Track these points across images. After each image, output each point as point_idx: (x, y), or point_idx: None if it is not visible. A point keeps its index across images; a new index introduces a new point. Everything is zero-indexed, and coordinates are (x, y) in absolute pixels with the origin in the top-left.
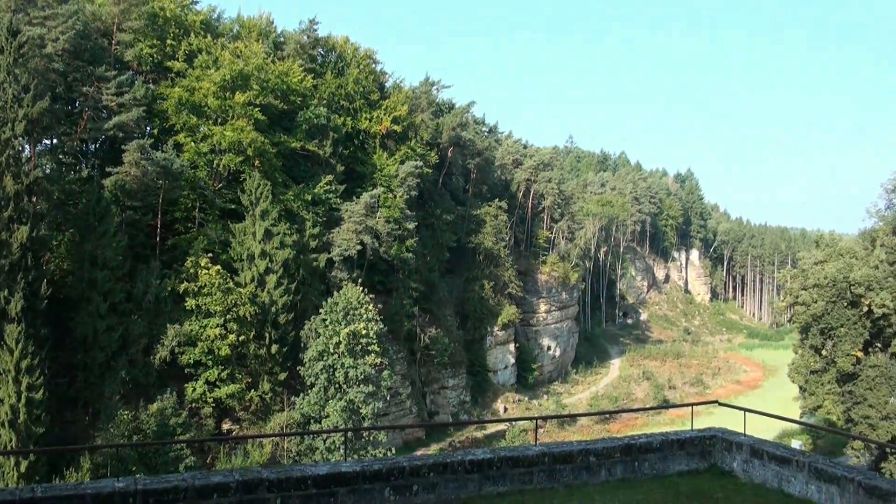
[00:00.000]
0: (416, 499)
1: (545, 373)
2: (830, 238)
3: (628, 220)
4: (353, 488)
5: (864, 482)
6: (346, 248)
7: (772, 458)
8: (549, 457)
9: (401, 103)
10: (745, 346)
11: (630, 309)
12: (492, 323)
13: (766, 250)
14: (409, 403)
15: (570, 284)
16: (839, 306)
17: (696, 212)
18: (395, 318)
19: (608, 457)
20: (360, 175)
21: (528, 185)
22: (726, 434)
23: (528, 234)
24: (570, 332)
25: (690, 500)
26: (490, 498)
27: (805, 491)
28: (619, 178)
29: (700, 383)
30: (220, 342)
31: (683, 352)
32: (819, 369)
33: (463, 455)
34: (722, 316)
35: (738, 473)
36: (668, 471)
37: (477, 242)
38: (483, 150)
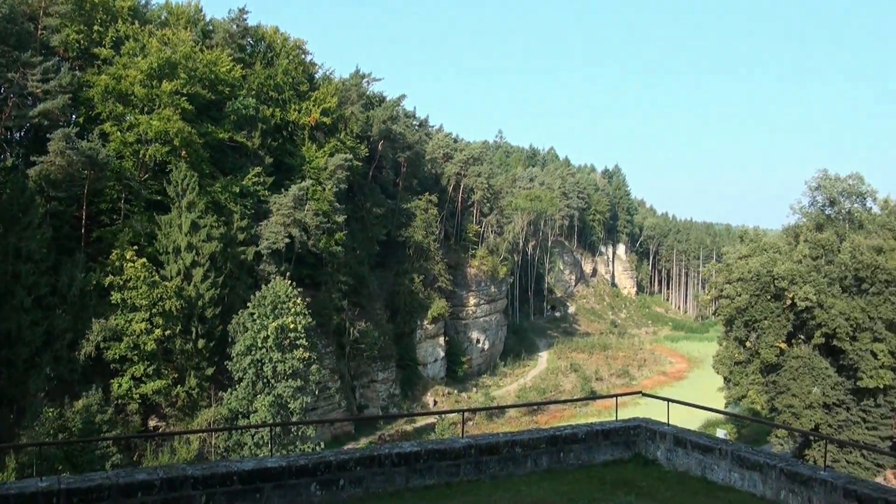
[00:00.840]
0: (343, 493)
1: (474, 366)
2: (755, 233)
3: (556, 215)
4: (278, 484)
5: (785, 468)
6: (274, 242)
7: (695, 447)
8: (475, 449)
9: (330, 95)
10: (671, 338)
11: (558, 302)
12: (421, 316)
13: (691, 245)
14: (338, 397)
15: (499, 278)
16: (763, 299)
17: (623, 207)
18: (324, 311)
19: (534, 448)
20: (288, 167)
21: (458, 180)
22: (650, 424)
23: (457, 227)
24: (498, 326)
25: (615, 488)
26: (417, 491)
27: (728, 478)
28: (547, 173)
29: (626, 375)
30: (145, 337)
31: (610, 344)
32: (743, 360)
33: (390, 448)
34: (648, 309)
35: (661, 462)
36: (593, 461)
37: (407, 236)
38: (413, 143)
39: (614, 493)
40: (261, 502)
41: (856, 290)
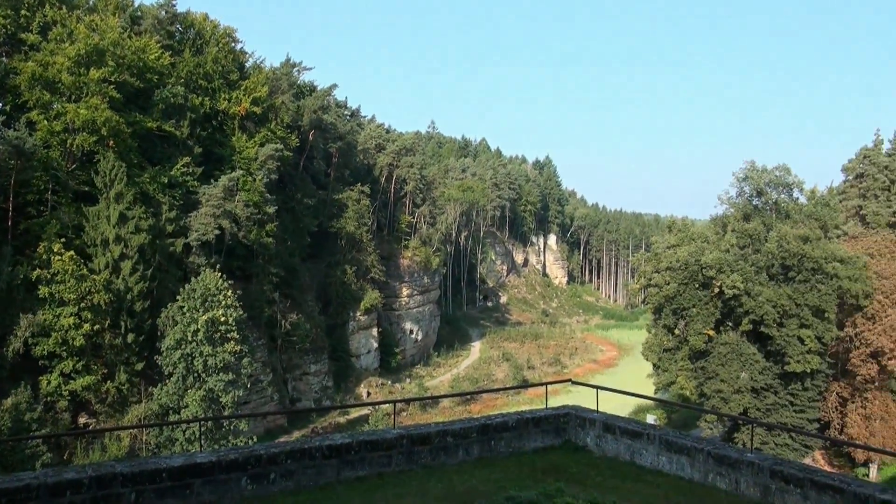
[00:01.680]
0: (274, 487)
1: (408, 356)
2: (683, 223)
3: (488, 206)
4: (209, 479)
5: (713, 452)
6: (203, 233)
7: (623, 433)
8: (407, 439)
9: (261, 84)
10: (601, 326)
11: (490, 292)
12: (354, 308)
13: (621, 235)
14: (270, 391)
15: (432, 269)
16: (691, 288)
17: (554, 198)
18: (255, 304)
19: (465, 437)
20: (218, 157)
21: (390, 170)
22: (579, 411)
23: (390, 218)
24: (431, 316)
25: (546, 475)
26: (348, 483)
27: (656, 462)
28: (479, 164)
29: (558, 363)
30: (74, 332)
31: (542, 333)
32: (672, 347)
33: (321, 441)
34: (579, 298)
35: (591, 448)
36: (524, 448)
37: (339, 227)
38: (345, 133)
39: (545, 479)
40: (191, 498)
41: (783, 279)
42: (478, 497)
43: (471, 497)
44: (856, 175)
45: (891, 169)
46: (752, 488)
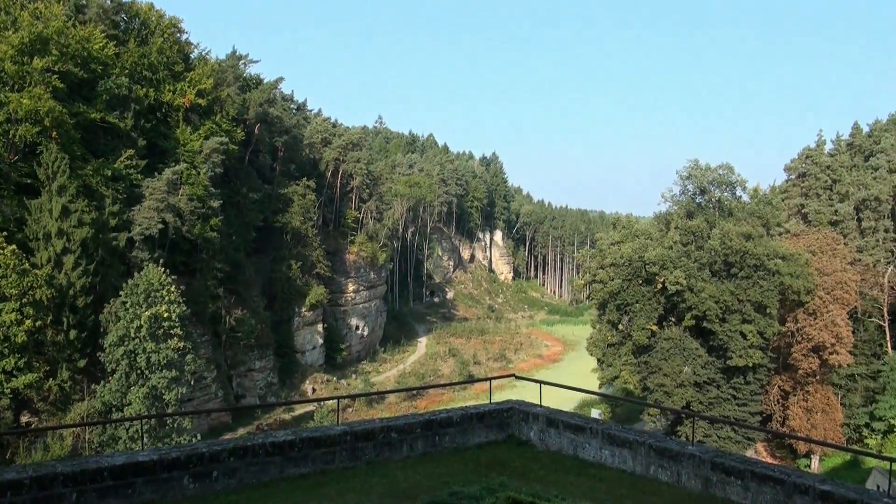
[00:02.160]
0: (217, 485)
1: (353, 352)
2: (627, 220)
3: (435, 202)
4: (150, 478)
5: (655, 445)
6: (147, 227)
7: (567, 427)
8: (351, 435)
9: (206, 76)
10: (547, 322)
11: (437, 288)
12: (299, 303)
13: (566, 231)
14: (214, 387)
15: (378, 264)
16: (635, 284)
17: (501, 194)
18: (199, 299)
19: (410, 433)
20: (162, 150)
21: (336, 165)
22: (523, 406)
23: (336, 213)
24: (378, 312)
25: (489, 469)
26: (292, 480)
27: (599, 456)
28: (427, 159)
29: (504, 358)
30: (16, 328)
31: (488, 329)
32: (616, 342)
33: (264, 438)
34: (524, 294)
35: (534, 443)
36: (468, 443)
37: (284, 222)
38: (291, 127)
39: (488, 474)
40: (133, 498)
41: (725, 275)
42: (421, 492)
43: (414, 492)
44: (798, 174)
45: (833, 169)
46: (694, 480)
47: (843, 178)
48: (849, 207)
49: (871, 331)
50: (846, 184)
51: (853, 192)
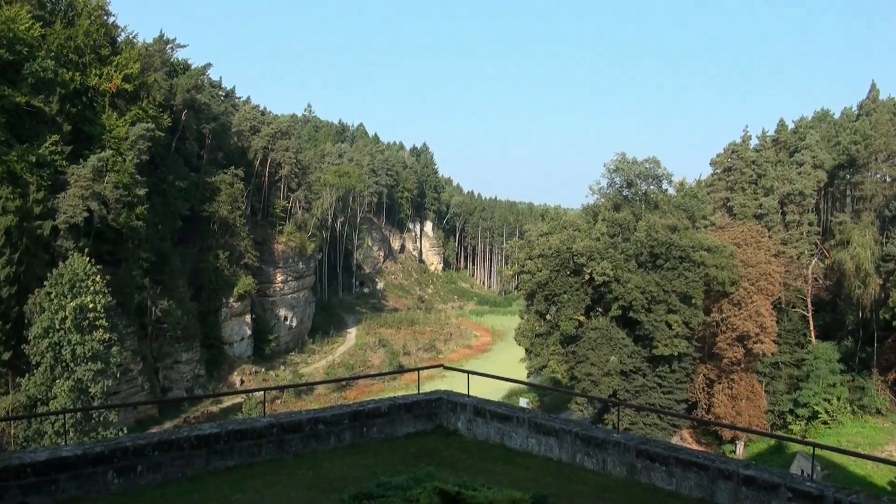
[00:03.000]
0: (142, 480)
1: (282, 343)
2: (556, 212)
3: (365, 192)
4: (74, 473)
5: (580, 433)
6: (72, 216)
7: (494, 416)
8: (277, 427)
9: (133, 61)
10: (476, 312)
11: (366, 278)
12: (227, 294)
13: (495, 222)
14: (140, 380)
15: (307, 254)
16: (563, 275)
17: (431, 185)
18: (125, 290)
19: (337, 424)
20: (88, 136)
21: (265, 154)
22: (451, 396)
23: (264, 203)
24: (306, 302)
25: (417, 459)
26: (218, 473)
27: (525, 444)
28: (357, 149)
29: (433, 349)
30: None
31: (418, 319)
32: (544, 332)
33: (189, 431)
34: (454, 284)
35: (462, 432)
36: (396, 434)
37: (212, 211)
38: (219, 114)
39: (416, 463)
40: (57, 494)
41: (651, 266)
42: (349, 483)
43: (342, 483)
44: (724, 169)
45: (758, 164)
46: (619, 467)
47: (768, 172)
48: (773, 201)
49: (795, 320)
50: (771, 178)
51: (778, 186)
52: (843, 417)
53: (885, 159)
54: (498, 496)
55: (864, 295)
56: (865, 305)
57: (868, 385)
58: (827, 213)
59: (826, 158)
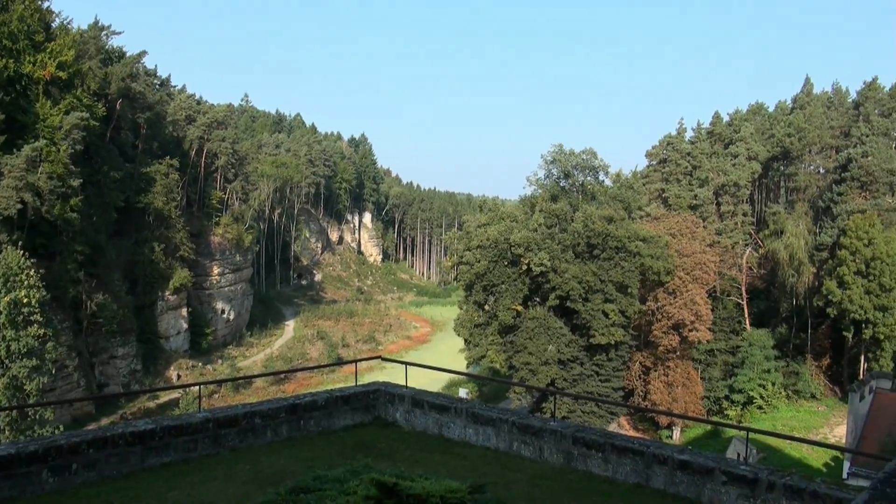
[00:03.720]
0: (77, 478)
1: (219, 337)
2: (493, 203)
3: (303, 183)
4: (8, 473)
5: (517, 422)
6: (5, 207)
7: (432, 407)
8: (213, 422)
9: (67, 47)
10: (415, 303)
11: (304, 270)
12: (163, 287)
13: (434, 213)
14: (76, 376)
15: (244, 247)
16: (501, 265)
17: (370, 176)
18: (59, 284)
19: (274, 417)
20: (21, 125)
21: (200, 144)
22: (389, 387)
23: (200, 194)
24: (244, 295)
25: (355, 452)
26: (154, 470)
27: (463, 434)
28: (294, 139)
29: (373, 340)
30: None
31: (356, 311)
32: (482, 323)
33: (124, 427)
34: (393, 276)
35: (400, 423)
36: (333, 426)
37: (147, 202)
38: (154, 104)
39: (354, 456)
40: None
41: (588, 256)
42: (286, 477)
43: (279, 477)
44: (659, 160)
45: (693, 156)
46: (556, 455)
47: (703, 164)
48: (708, 192)
49: (730, 308)
50: (706, 170)
51: (713, 177)
52: (779, 402)
53: (819, 151)
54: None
55: (798, 283)
56: (799, 293)
57: (802, 370)
58: (761, 204)
59: (760, 150)
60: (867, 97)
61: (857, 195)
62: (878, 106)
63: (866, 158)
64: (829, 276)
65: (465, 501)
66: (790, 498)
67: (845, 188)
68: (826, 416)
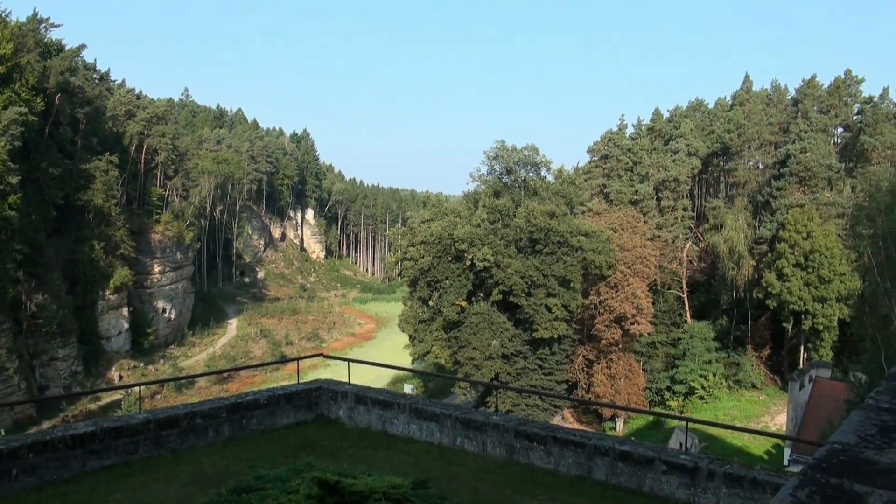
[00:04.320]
0: (17, 484)
1: (161, 337)
2: (437, 199)
3: (245, 179)
4: None
5: (461, 417)
6: None
7: (375, 404)
8: (154, 423)
9: (6, 40)
10: (360, 300)
11: (247, 268)
12: (103, 286)
13: (378, 210)
14: (16, 379)
15: (185, 244)
16: (444, 261)
17: (312, 172)
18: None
19: (215, 417)
20: None
21: (140, 139)
22: (331, 385)
23: (140, 191)
24: (185, 294)
25: (298, 450)
26: (95, 473)
27: (407, 430)
28: (235, 135)
29: (317, 338)
30: None
31: (300, 308)
32: (427, 318)
33: (63, 431)
34: (337, 272)
35: (343, 420)
36: (276, 425)
37: (86, 200)
38: (94, 98)
39: (297, 454)
40: None
41: (531, 251)
42: (228, 477)
43: (221, 478)
44: (601, 156)
45: (633, 151)
46: (499, 448)
47: (644, 160)
48: (649, 187)
49: (671, 301)
50: (646, 165)
51: (653, 173)
52: (720, 392)
53: (758, 147)
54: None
55: (738, 276)
56: (739, 286)
57: (743, 361)
58: (701, 199)
59: (700, 146)
60: (806, 94)
61: (796, 190)
62: (816, 103)
63: (805, 154)
64: (769, 269)
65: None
66: (730, 485)
67: (784, 183)
68: (767, 405)
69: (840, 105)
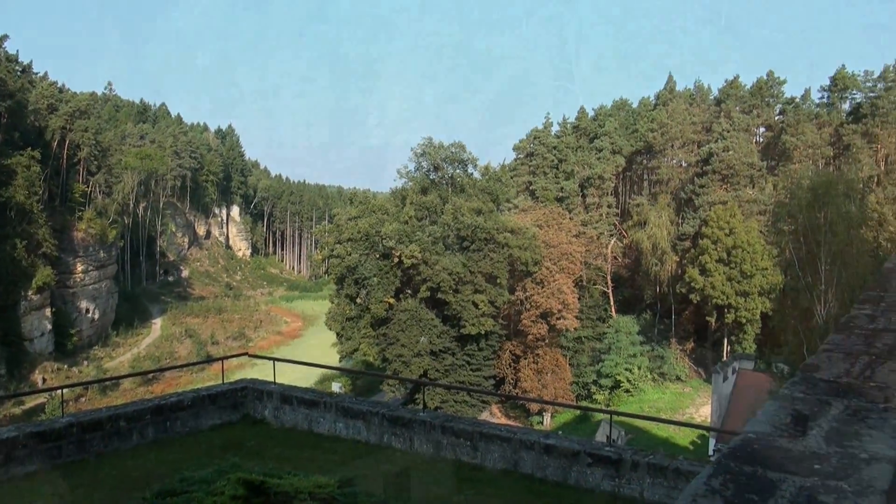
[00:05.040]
0: None
1: (85, 337)
2: (364, 196)
3: (169, 175)
4: None
5: (387, 414)
6: None
7: (301, 403)
8: (77, 427)
9: None
10: (286, 298)
11: (171, 266)
12: (25, 286)
13: (304, 207)
14: None
15: (109, 242)
16: (372, 258)
17: (237, 168)
18: None
19: (139, 420)
20: None
21: (63, 134)
22: (257, 384)
23: (62, 187)
24: (109, 293)
25: (224, 451)
26: (17, 480)
27: (334, 429)
28: (159, 130)
29: (243, 337)
30: None
31: (226, 307)
32: (355, 316)
33: None
34: (263, 270)
35: (269, 420)
36: (201, 426)
37: (8, 196)
38: (15, 91)
39: (222, 455)
40: None
41: (458, 248)
42: (153, 480)
43: (145, 481)
44: (526, 154)
45: (559, 149)
46: (426, 445)
47: (569, 157)
48: (574, 185)
49: (597, 297)
50: (572, 163)
51: (578, 170)
52: (645, 385)
53: (681, 146)
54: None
55: (662, 271)
56: (663, 281)
57: (667, 354)
58: (625, 196)
59: (624, 145)
60: (728, 94)
61: (719, 187)
62: (738, 103)
63: (727, 153)
64: (692, 265)
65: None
66: (654, 476)
67: (707, 181)
68: (692, 397)
69: (762, 105)
